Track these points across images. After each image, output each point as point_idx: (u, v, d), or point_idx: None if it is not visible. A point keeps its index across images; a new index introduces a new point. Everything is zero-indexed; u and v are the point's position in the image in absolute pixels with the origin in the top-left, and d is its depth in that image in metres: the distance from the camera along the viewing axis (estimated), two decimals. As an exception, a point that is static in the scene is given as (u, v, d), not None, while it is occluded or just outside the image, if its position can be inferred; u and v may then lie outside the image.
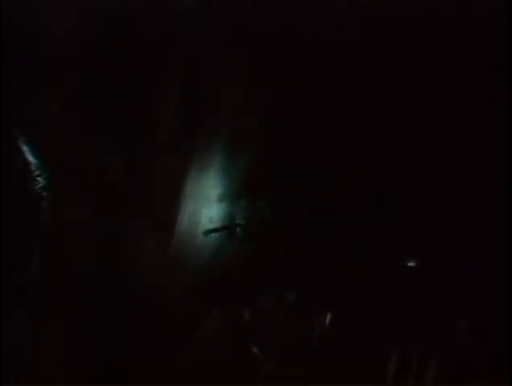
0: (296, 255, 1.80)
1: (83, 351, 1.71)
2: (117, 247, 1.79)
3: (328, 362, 1.72)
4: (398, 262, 1.77)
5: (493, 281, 1.68)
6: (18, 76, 1.70)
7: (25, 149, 1.71)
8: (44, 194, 1.71)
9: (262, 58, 1.78)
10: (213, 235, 1.82)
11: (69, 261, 1.74)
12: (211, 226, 1.83)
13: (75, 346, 1.71)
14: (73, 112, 1.77)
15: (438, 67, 1.70)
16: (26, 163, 1.71)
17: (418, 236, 1.76)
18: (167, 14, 1.78)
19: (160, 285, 1.80)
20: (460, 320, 1.71)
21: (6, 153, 1.69)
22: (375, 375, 1.68)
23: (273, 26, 1.75)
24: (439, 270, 1.73)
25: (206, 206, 1.84)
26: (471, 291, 1.71)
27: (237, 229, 1.82)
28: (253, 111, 1.82)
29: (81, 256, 1.75)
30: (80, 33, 1.75)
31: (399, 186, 1.76)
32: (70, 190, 1.76)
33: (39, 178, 1.70)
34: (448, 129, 1.73)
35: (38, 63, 1.73)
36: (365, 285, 1.75)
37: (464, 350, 1.69)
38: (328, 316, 1.75)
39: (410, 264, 1.75)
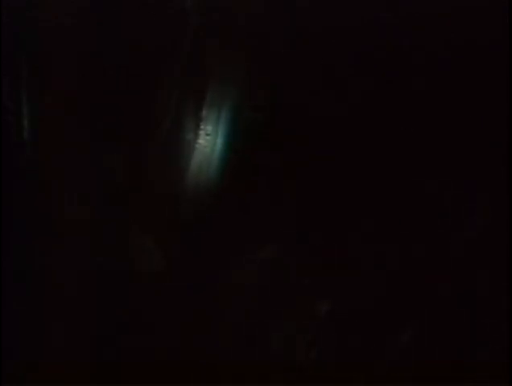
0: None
1: (83, 351, 1.71)
2: (117, 245, 1.80)
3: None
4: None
5: (492, 280, 1.68)
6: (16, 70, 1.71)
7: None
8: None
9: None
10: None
11: (69, 259, 1.74)
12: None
13: (75, 346, 1.71)
14: (71, 109, 1.76)
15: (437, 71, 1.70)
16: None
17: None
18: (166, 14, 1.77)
19: (161, 284, 1.80)
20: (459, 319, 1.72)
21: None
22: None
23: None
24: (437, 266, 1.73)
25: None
26: (470, 290, 1.71)
27: None
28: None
29: (81, 254, 1.75)
30: (78, 31, 1.75)
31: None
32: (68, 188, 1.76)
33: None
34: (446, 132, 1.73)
35: (33, 59, 1.72)
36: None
37: (463, 349, 1.69)
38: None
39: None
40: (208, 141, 1.83)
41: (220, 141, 1.83)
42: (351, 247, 1.78)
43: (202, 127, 1.83)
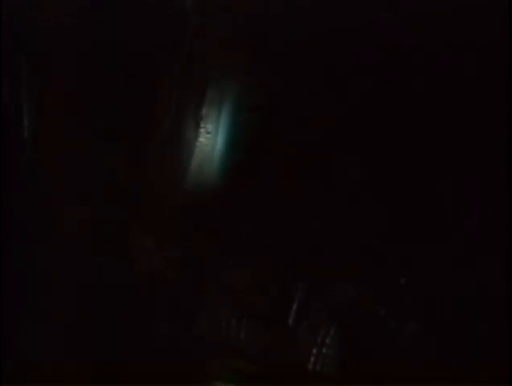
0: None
1: (83, 351, 1.71)
2: (117, 245, 1.80)
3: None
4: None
5: (493, 280, 1.68)
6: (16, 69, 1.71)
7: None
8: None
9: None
10: None
11: (69, 259, 1.74)
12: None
13: (75, 346, 1.71)
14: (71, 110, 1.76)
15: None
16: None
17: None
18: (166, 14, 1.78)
19: (161, 284, 1.80)
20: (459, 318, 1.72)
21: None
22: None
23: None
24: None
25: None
26: (470, 290, 1.71)
27: None
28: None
29: (81, 254, 1.75)
30: (78, 31, 1.75)
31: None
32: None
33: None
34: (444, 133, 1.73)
35: (33, 59, 1.72)
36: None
37: (463, 349, 1.69)
38: None
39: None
40: (208, 139, 1.83)
41: (220, 139, 1.83)
42: (351, 247, 1.78)
43: (202, 126, 1.83)
